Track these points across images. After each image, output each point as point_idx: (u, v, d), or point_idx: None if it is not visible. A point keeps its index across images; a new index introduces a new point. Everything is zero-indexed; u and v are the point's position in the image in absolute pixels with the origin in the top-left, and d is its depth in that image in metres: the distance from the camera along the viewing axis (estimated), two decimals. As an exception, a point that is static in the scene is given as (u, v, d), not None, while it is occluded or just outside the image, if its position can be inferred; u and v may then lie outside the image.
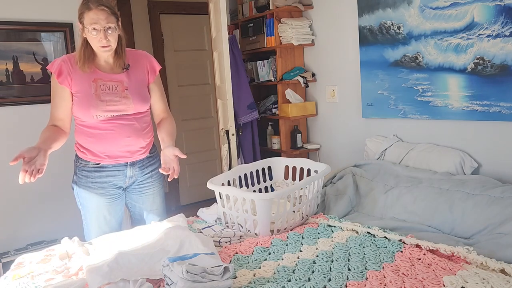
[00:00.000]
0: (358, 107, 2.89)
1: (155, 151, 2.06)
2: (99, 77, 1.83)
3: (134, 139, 1.90)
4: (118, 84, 1.85)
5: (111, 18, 1.74)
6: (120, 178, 1.94)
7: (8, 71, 2.75)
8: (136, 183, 2.00)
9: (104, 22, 1.71)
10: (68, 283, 1.42)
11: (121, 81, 1.86)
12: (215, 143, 4.56)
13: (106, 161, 1.89)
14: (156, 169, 2.02)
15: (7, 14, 2.73)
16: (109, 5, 1.75)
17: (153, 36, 4.19)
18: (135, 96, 1.88)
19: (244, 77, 3.34)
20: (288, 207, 1.88)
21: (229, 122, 2.93)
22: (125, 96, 1.85)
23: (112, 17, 1.74)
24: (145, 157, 1.98)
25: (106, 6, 1.73)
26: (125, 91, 1.86)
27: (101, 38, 1.73)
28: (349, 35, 2.89)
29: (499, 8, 2.08)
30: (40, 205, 2.91)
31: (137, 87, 1.90)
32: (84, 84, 1.81)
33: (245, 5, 3.55)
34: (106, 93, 1.83)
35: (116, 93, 1.84)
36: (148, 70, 1.96)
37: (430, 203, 1.96)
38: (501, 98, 2.14)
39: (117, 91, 1.84)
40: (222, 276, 1.32)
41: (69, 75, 1.81)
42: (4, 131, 2.78)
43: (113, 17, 1.75)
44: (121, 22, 1.81)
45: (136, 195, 2.03)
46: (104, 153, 1.88)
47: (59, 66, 1.80)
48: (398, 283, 1.34)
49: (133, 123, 1.89)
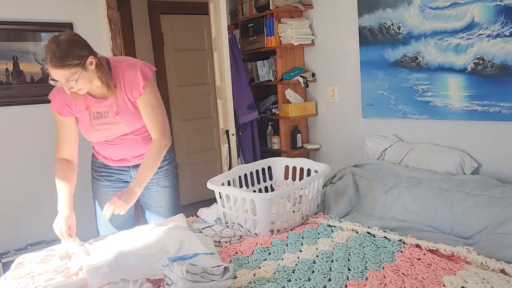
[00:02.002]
0: (358, 107, 2.89)
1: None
2: (91, 104, 1.82)
3: (135, 149, 1.95)
4: (109, 109, 1.82)
5: (69, 72, 1.61)
6: (125, 175, 2.02)
7: (8, 71, 2.75)
8: None
9: (62, 80, 1.63)
10: (68, 283, 1.42)
11: (110, 105, 1.81)
12: (215, 143, 4.56)
13: (110, 162, 2.00)
14: (163, 167, 2.04)
15: (7, 14, 2.73)
16: (65, 59, 1.59)
17: (153, 36, 4.19)
18: (126, 119, 1.84)
19: (244, 77, 3.34)
20: (288, 207, 1.88)
21: (229, 122, 2.93)
22: (116, 122, 1.83)
23: (70, 70, 1.60)
24: None
25: (58, 63, 1.58)
26: (115, 116, 1.82)
27: (66, 90, 1.67)
28: (349, 35, 2.89)
29: (499, 8, 2.08)
30: (40, 205, 2.91)
31: (126, 108, 1.83)
32: (81, 112, 1.83)
33: (245, 5, 3.55)
34: (99, 120, 1.83)
35: (108, 119, 1.83)
36: (132, 86, 1.80)
37: (430, 203, 1.96)
38: (501, 98, 2.14)
39: (109, 116, 1.83)
40: (222, 276, 1.32)
41: (67, 106, 1.81)
42: (4, 131, 2.78)
43: (71, 70, 1.61)
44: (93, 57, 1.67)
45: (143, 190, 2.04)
46: (110, 158, 1.98)
47: (56, 102, 1.81)
48: (398, 283, 1.34)
49: (132, 137, 1.91)
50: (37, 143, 2.86)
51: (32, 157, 2.86)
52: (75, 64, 1.62)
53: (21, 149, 2.84)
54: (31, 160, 2.86)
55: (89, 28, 3.02)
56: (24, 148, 2.84)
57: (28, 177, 2.86)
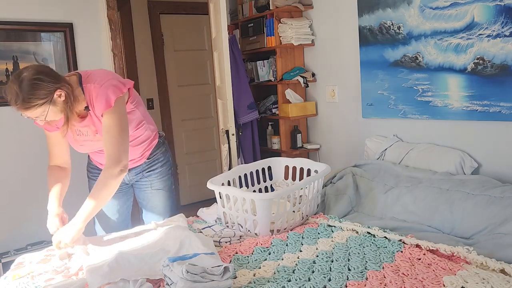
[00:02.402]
0: (358, 107, 2.89)
1: (157, 153, 2.04)
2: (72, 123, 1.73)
3: None
4: (88, 128, 1.79)
5: (34, 111, 1.54)
6: None
7: (8, 71, 2.75)
8: (135, 181, 2.07)
9: (30, 116, 1.58)
10: (68, 283, 1.42)
11: (88, 125, 1.78)
12: (215, 143, 4.56)
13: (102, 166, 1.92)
14: (156, 170, 2.04)
15: (7, 14, 2.73)
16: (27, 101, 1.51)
17: (153, 36, 4.19)
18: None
19: (244, 77, 3.34)
20: (288, 207, 1.88)
21: (229, 122, 2.93)
22: (98, 139, 1.80)
23: (34, 110, 1.54)
24: (142, 163, 2.00)
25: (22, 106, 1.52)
26: (96, 134, 1.79)
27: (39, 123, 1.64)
28: (349, 35, 2.89)
29: (499, 8, 2.08)
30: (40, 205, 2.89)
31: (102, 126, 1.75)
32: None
33: (245, 5, 3.55)
34: (82, 137, 1.82)
35: (89, 136, 1.81)
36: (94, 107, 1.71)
37: (430, 203, 1.96)
38: (501, 98, 2.14)
39: (89, 134, 1.80)
40: (222, 276, 1.32)
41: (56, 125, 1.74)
42: (4, 131, 2.78)
43: (36, 109, 1.53)
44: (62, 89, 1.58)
45: (137, 191, 2.10)
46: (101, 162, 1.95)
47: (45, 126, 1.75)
48: (398, 283, 1.34)
49: None
50: (37, 143, 2.85)
51: (32, 157, 2.86)
52: (40, 104, 1.53)
53: (21, 149, 2.84)
54: (31, 160, 2.86)
55: (89, 28, 3.02)
56: (24, 148, 2.84)
57: (28, 177, 2.86)
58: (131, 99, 1.82)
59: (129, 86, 1.77)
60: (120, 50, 3.14)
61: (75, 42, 2.95)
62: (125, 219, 2.12)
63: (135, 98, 1.86)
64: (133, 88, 1.84)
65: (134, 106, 1.84)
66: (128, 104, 1.79)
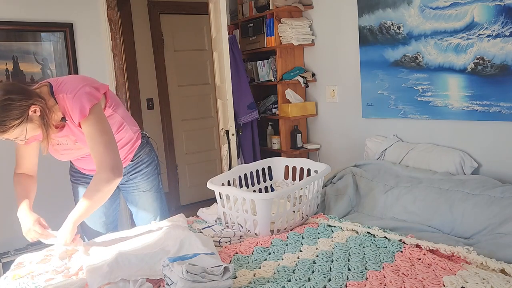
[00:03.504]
0: (358, 107, 2.89)
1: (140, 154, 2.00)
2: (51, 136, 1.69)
3: None
4: (67, 138, 1.76)
5: (10, 134, 1.52)
6: None
7: (8, 71, 2.75)
8: (122, 182, 2.01)
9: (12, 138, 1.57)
10: (68, 283, 1.42)
11: (66, 135, 1.74)
12: (215, 143, 4.56)
13: (86, 171, 1.96)
14: (141, 171, 2.00)
15: (7, 14, 2.73)
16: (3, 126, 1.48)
17: (153, 36, 4.19)
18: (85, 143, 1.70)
19: (244, 77, 3.34)
20: (288, 207, 1.88)
21: (229, 122, 2.93)
22: (78, 148, 1.79)
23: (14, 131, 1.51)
24: (126, 166, 1.96)
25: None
26: (76, 143, 1.77)
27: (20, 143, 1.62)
28: (349, 35, 2.89)
29: (499, 8, 2.08)
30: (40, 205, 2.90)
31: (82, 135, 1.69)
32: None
33: (245, 5, 3.55)
34: (62, 147, 1.79)
35: (69, 145, 1.78)
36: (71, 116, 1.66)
37: (430, 203, 1.96)
38: (501, 98, 2.14)
39: (68, 144, 1.78)
40: (222, 276, 1.32)
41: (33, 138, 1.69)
42: (4, 131, 2.78)
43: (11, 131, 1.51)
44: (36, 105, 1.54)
45: (124, 193, 2.07)
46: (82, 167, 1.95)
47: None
48: (398, 283, 1.34)
49: None
50: (37, 143, 2.86)
51: (32, 157, 2.86)
52: (17, 124, 1.50)
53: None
54: (31, 160, 2.85)
55: (89, 28, 3.02)
56: (24, 148, 2.84)
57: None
58: (109, 103, 1.74)
59: (103, 91, 1.70)
60: (120, 50, 3.14)
61: (75, 42, 2.95)
62: (113, 221, 2.07)
63: (113, 101, 1.79)
64: (110, 90, 1.77)
65: (112, 110, 1.78)
66: (106, 109, 1.72)
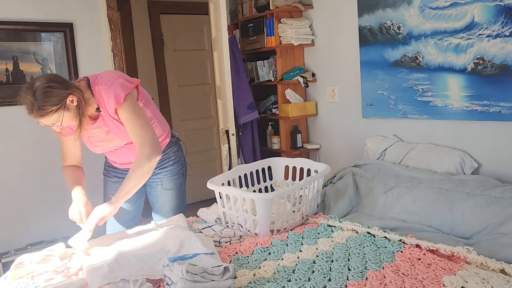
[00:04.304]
0: (358, 107, 2.89)
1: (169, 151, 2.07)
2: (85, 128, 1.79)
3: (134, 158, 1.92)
4: (100, 129, 1.86)
5: (49, 118, 1.62)
6: None
7: (8, 71, 2.75)
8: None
9: (49, 124, 1.66)
10: (68, 283, 1.42)
11: (100, 126, 1.85)
12: (215, 143, 4.56)
13: (118, 165, 2.06)
14: (167, 168, 2.07)
15: (7, 14, 2.73)
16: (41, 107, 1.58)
17: (153, 36, 4.19)
18: (118, 135, 1.86)
19: (244, 77, 3.34)
20: (288, 207, 1.88)
21: (229, 122, 2.93)
22: (110, 139, 1.89)
23: (49, 117, 1.61)
24: None
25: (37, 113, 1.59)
26: (108, 134, 1.87)
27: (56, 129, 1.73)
28: (349, 35, 2.89)
29: (499, 8, 2.08)
30: (40, 205, 2.91)
31: (115, 126, 1.83)
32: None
33: (245, 5, 3.55)
34: (96, 138, 1.89)
35: (102, 137, 1.89)
36: (106, 107, 1.79)
37: (430, 203, 1.96)
38: (501, 98, 2.14)
39: (101, 135, 1.88)
40: (222, 276, 1.32)
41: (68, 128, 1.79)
42: (4, 131, 2.78)
43: (50, 115, 1.61)
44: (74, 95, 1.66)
45: (148, 188, 2.12)
46: (115, 161, 2.05)
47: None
48: (398, 283, 1.34)
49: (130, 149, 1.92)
50: (37, 143, 2.86)
51: (32, 157, 2.86)
52: (55, 110, 1.61)
53: (21, 149, 2.84)
54: (31, 160, 2.86)
55: (89, 28, 3.02)
56: (24, 148, 2.84)
57: (28, 177, 2.86)
58: (140, 98, 1.88)
59: (136, 84, 1.84)
60: (120, 50, 3.14)
61: (75, 42, 2.95)
62: (134, 218, 2.15)
63: (144, 97, 1.92)
64: (142, 87, 1.90)
65: (143, 105, 1.89)
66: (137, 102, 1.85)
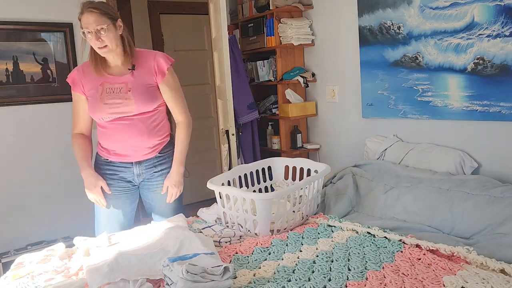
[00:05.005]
0: (358, 107, 2.89)
1: (168, 150, 2.05)
2: (107, 81, 1.90)
3: (138, 139, 1.94)
4: (123, 85, 1.90)
5: (102, 20, 1.76)
6: (128, 174, 2.01)
7: (8, 71, 2.75)
8: (146, 180, 2.04)
9: (94, 25, 1.75)
10: (68, 283, 1.42)
11: (125, 82, 1.90)
12: (215, 143, 4.56)
13: (113, 158, 2.00)
14: (167, 168, 2.04)
15: (7, 14, 2.73)
16: (100, 7, 1.77)
17: (153, 36, 4.19)
18: (138, 96, 1.89)
19: (244, 77, 3.34)
20: (288, 207, 1.88)
21: (229, 122, 2.93)
22: (127, 98, 1.89)
23: (103, 18, 1.76)
24: (153, 157, 2.00)
25: (95, 8, 1.75)
26: (128, 92, 1.89)
27: (95, 40, 1.77)
28: (349, 35, 2.89)
29: (499, 8, 2.08)
30: (40, 205, 2.91)
31: (141, 87, 1.91)
32: (93, 88, 1.91)
33: (245, 5, 3.55)
34: (110, 96, 1.90)
35: (120, 94, 1.89)
36: (155, 71, 1.95)
37: (430, 203, 1.96)
38: (501, 98, 2.14)
39: (121, 92, 1.89)
40: (222, 276, 1.32)
41: (80, 82, 1.93)
42: (4, 131, 2.78)
43: (104, 18, 1.76)
44: (122, 23, 1.86)
45: (145, 191, 2.08)
46: (113, 151, 1.98)
47: (72, 76, 1.95)
48: (398, 283, 1.34)
49: (137, 123, 1.92)
50: (37, 143, 2.86)
51: (32, 157, 2.86)
52: (109, 15, 1.78)
53: (21, 149, 2.84)
54: (31, 160, 2.86)
55: (89, 28, 3.01)
56: (24, 148, 2.84)
57: (28, 177, 2.86)
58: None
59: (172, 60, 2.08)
60: (120, 50, 3.13)
61: (75, 42, 2.95)
62: (129, 222, 2.10)
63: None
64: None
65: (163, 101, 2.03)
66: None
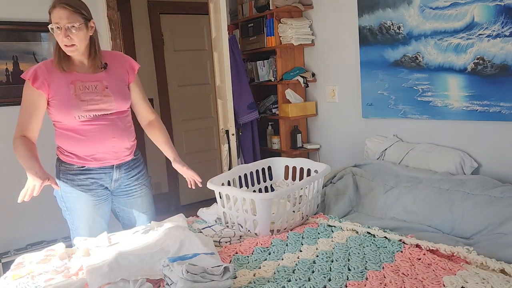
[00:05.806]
0: (358, 107, 2.89)
1: (139, 153, 2.04)
2: (77, 79, 1.79)
3: (119, 139, 1.87)
4: (98, 83, 1.82)
5: (74, 17, 1.69)
6: (106, 180, 1.91)
7: (8, 71, 2.75)
8: (123, 186, 1.97)
9: (65, 21, 1.68)
10: (68, 283, 1.42)
11: (100, 80, 1.83)
12: (215, 143, 4.56)
13: (92, 164, 1.86)
14: (142, 171, 2.02)
15: (7, 14, 2.73)
16: (75, 5, 1.71)
17: (153, 36, 4.19)
18: (116, 94, 1.84)
19: (244, 77, 3.34)
20: (288, 207, 1.88)
21: (229, 122, 2.94)
22: (106, 95, 1.82)
23: (76, 16, 1.70)
24: (130, 159, 1.96)
25: (68, 5, 1.69)
26: (105, 89, 1.82)
27: (63, 36, 1.70)
28: (349, 35, 2.89)
29: (499, 8, 2.08)
30: (40, 205, 2.90)
31: (117, 85, 1.87)
32: (62, 87, 1.77)
33: (245, 5, 3.55)
34: (86, 93, 1.79)
35: (97, 92, 1.80)
36: (127, 70, 1.93)
37: (430, 203, 1.96)
38: (501, 98, 2.14)
39: (97, 90, 1.81)
40: (222, 276, 1.32)
41: (45, 80, 1.76)
42: (4, 131, 2.78)
43: (77, 16, 1.70)
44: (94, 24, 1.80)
45: (123, 198, 1.99)
46: (92, 155, 1.84)
47: (34, 72, 1.76)
48: (398, 283, 1.34)
49: (116, 122, 1.86)
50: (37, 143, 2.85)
51: (32, 157, 2.85)
52: (82, 15, 1.73)
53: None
54: (31, 160, 2.85)
55: (89, 28, 3.01)
56: (24, 148, 2.84)
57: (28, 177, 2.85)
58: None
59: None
60: (120, 50, 3.13)
61: (75, 42, 2.95)
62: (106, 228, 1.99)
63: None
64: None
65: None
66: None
